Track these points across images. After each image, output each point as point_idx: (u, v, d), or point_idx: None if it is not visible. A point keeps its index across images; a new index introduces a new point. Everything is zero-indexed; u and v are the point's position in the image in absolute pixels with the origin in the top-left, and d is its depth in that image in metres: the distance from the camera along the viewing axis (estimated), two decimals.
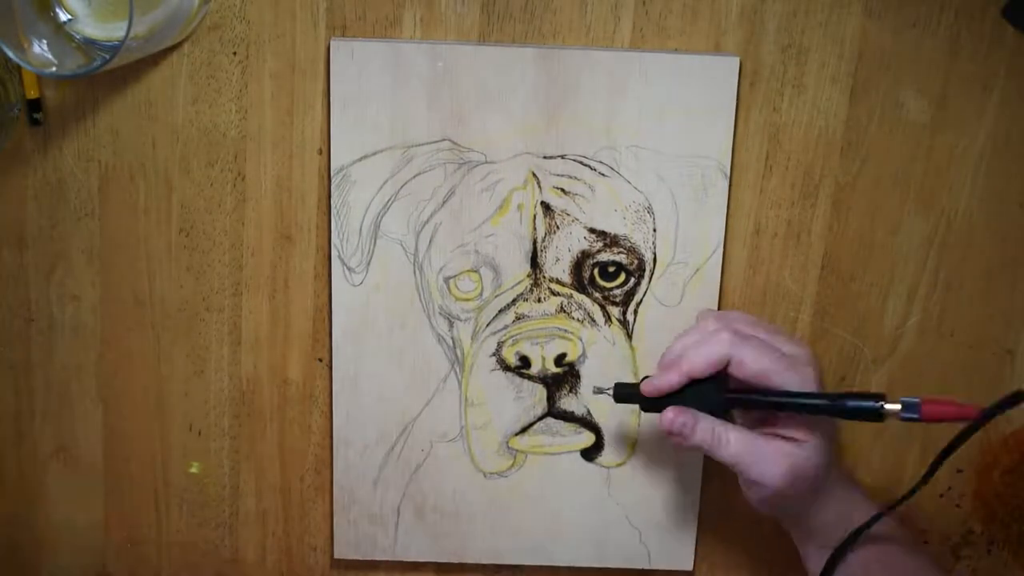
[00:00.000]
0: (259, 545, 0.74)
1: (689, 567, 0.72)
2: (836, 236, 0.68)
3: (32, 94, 0.66)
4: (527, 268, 0.67)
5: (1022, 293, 0.69)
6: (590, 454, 0.70)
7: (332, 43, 0.65)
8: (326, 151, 0.66)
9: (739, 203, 0.68)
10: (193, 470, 0.72)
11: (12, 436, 0.72)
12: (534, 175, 0.66)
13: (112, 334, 0.70)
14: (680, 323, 0.67)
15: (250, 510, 0.73)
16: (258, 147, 0.67)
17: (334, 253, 0.67)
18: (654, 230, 0.67)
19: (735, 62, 0.64)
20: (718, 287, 0.68)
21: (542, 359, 0.68)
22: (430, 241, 0.67)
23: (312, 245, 0.68)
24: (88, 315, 0.70)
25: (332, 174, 0.66)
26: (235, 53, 0.66)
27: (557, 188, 0.66)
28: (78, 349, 0.70)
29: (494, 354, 0.68)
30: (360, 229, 0.67)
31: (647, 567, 0.72)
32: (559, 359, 0.68)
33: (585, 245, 0.67)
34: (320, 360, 0.70)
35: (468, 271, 0.68)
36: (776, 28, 0.65)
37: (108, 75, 0.66)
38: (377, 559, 0.73)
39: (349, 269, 0.68)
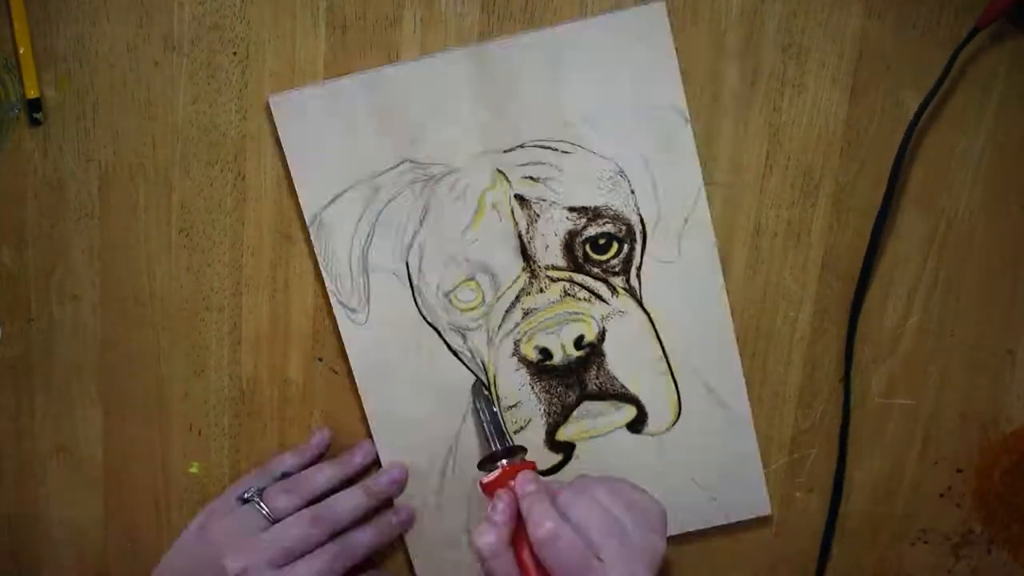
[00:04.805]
0: None
1: (767, 511, 0.71)
2: (836, 236, 0.68)
3: (32, 94, 0.66)
4: (520, 263, 0.67)
5: (1022, 293, 0.69)
6: (636, 426, 0.69)
7: (271, 100, 0.65)
8: (294, 206, 0.66)
9: (739, 203, 0.68)
10: (193, 470, 0.72)
11: (12, 436, 0.72)
12: (499, 172, 0.66)
13: (112, 334, 0.70)
14: (685, 274, 0.67)
15: None
16: (258, 147, 0.67)
17: (333, 300, 0.68)
18: (632, 192, 0.67)
19: (661, 7, 0.64)
20: (711, 230, 0.67)
21: (562, 346, 0.68)
22: (420, 262, 0.67)
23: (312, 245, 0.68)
24: (88, 315, 0.70)
25: (308, 224, 0.67)
26: (235, 53, 0.66)
27: (526, 178, 0.66)
28: (78, 349, 0.70)
29: (514, 354, 0.68)
30: (350, 270, 0.67)
31: (726, 522, 0.71)
32: (578, 342, 0.68)
33: (569, 225, 0.67)
34: (320, 360, 0.70)
35: (465, 281, 0.68)
36: (776, 28, 0.65)
37: (108, 75, 0.66)
38: None
39: (351, 311, 0.68)
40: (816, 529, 0.72)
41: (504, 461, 0.65)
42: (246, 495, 0.67)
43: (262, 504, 0.66)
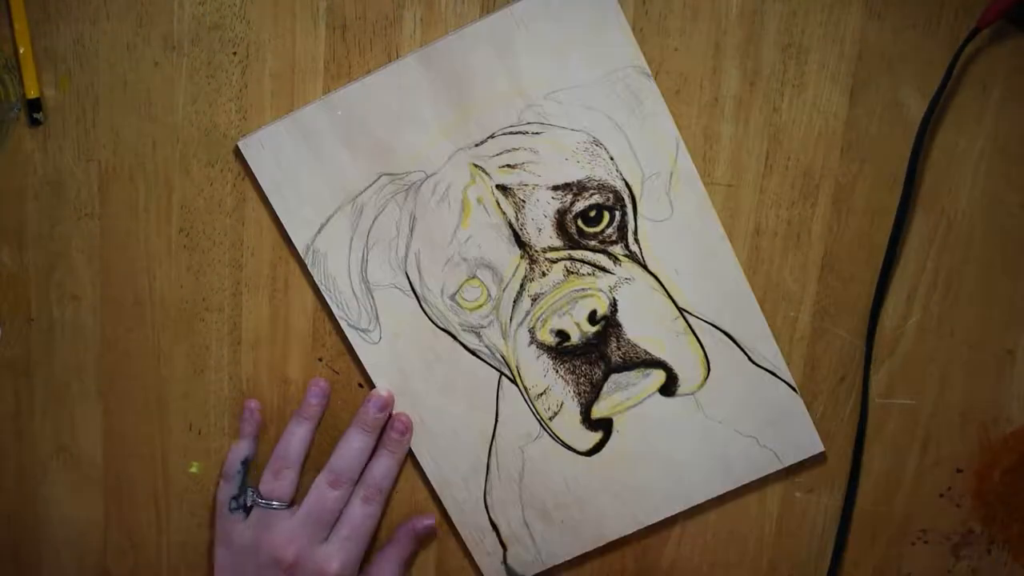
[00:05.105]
0: None
1: (820, 448, 0.70)
2: (836, 236, 0.68)
3: (32, 94, 0.66)
4: (517, 251, 0.67)
5: (1022, 293, 0.69)
6: (669, 389, 0.69)
7: (240, 144, 0.66)
8: (285, 239, 0.67)
9: (739, 203, 0.68)
10: (193, 470, 0.72)
11: (12, 436, 0.72)
12: (476, 166, 0.66)
13: (112, 334, 0.70)
14: (684, 229, 0.67)
15: None
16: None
17: (343, 324, 0.68)
18: (611, 158, 0.66)
19: None
20: (699, 180, 0.66)
21: (576, 325, 0.68)
22: (419, 271, 0.67)
23: None
24: (88, 315, 0.70)
25: (302, 255, 0.67)
26: (235, 53, 0.66)
27: (503, 167, 0.66)
28: (78, 349, 0.70)
29: (531, 342, 0.68)
30: (353, 292, 0.68)
31: (782, 467, 0.70)
32: (592, 317, 0.67)
33: (557, 204, 0.66)
34: (320, 360, 0.70)
35: (467, 280, 0.68)
36: (776, 28, 0.65)
37: (108, 75, 0.66)
38: (534, 574, 0.72)
39: (363, 331, 0.68)
40: (816, 529, 0.72)
41: None
42: (247, 503, 0.67)
43: (269, 501, 0.66)
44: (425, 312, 0.68)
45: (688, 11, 0.65)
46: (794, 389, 0.69)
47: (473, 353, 0.69)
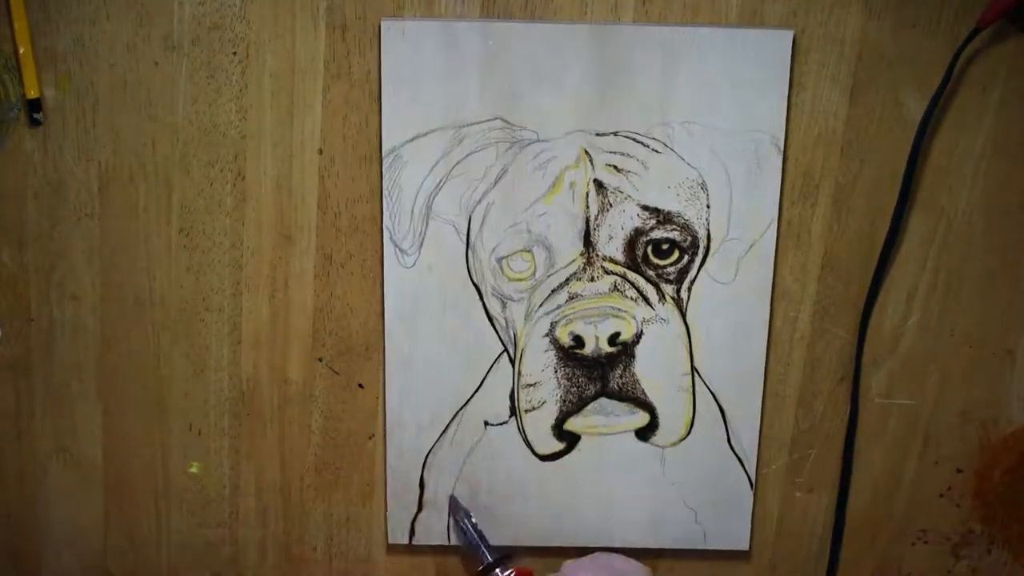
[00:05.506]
0: (259, 545, 0.74)
1: (745, 547, 0.71)
2: (836, 236, 0.68)
3: (32, 94, 0.66)
4: (580, 247, 0.67)
5: (1022, 293, 0.69)
6: (645, 434, 0.69)
7: (383, 23, 0.64)
8: (376, 131, 0.66)
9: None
10: (193, 470, 0.72)
11: (12, 436, 0.72)
12: (586, 153, 0.66)
13: (112, 334, 0.70)
14: (735, 300, 0.67)
15: (250, 510, 0.73)
16: (258, 147, 0.67)
17: (386, 235, 0.67)
18: (708, 206, 0.67)
19: (788, 36, 0.64)
20: (772, 263, 0.67)
21: (596, 338, 0.68)
22: (482, 221, 0.67)
23: (312, 245, 0.68)
24: (88, 315, 0.70)
25: (384, 154, 0.66)
26: (235, 53, 0.66)
27: (610, 165, 0.66)
28: (78, 349, 0.70)
29: (547, 334, 0.68)
30: (412, 210, 0.67)
31: (703, 547, 0.71)
32: (613, 338, 0.68)
33: (638, 222, 0.67)
34: (320, 360, 0.70)
35: (521, 251, 0.67)
36: (776, 28, 0.65)
37: (108, 75, 0.66)
38: (433, 544, 0.72)
39: (401, 251, 0.68)
40: (816, 529, 0.72)
41: (499, 571, 0.68)
42: None
43: None
44: (467, 261, 0.68)
45: (688, 11, 0.65)
46: (751, 484, 0.70)
47: (490, 319, 0.68)
